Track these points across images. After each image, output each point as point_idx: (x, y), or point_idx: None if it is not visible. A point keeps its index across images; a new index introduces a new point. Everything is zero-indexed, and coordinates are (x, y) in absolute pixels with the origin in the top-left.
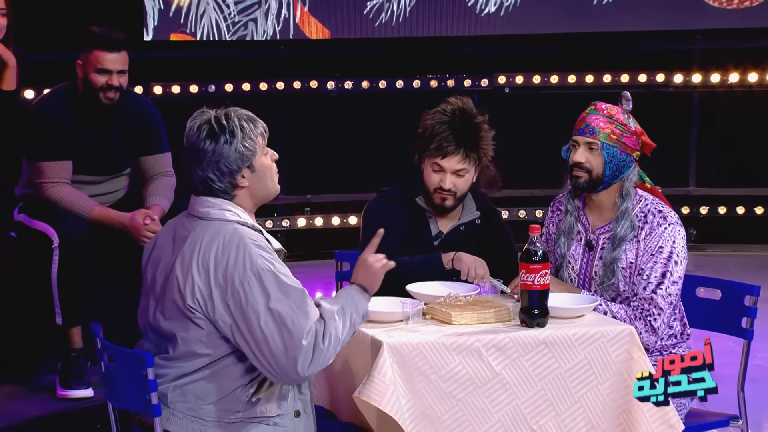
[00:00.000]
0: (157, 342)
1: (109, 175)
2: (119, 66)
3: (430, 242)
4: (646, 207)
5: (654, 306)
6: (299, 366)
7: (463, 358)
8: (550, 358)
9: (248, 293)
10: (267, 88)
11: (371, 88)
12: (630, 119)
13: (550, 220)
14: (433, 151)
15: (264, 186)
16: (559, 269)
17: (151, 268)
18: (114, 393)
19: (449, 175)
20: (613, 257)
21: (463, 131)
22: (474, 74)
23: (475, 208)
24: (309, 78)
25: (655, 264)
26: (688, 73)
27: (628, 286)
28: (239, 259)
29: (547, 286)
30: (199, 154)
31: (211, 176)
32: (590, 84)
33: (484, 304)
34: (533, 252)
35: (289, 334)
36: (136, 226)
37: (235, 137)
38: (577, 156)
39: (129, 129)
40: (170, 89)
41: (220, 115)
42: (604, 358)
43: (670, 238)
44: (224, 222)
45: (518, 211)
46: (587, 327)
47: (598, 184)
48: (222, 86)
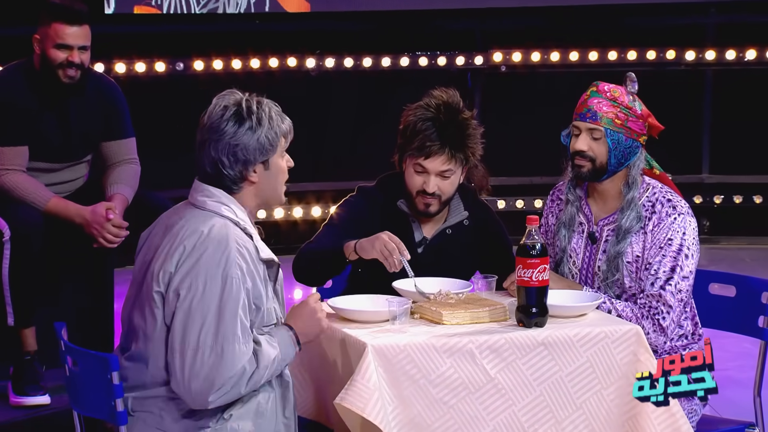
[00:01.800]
0: (128, 336)
1: (67, 162)
2: (81, 41)
3: (414, 249)
4: (653, 196)
5: (663, 303)
6: (212, 395)
7: (455, 361)
8: (550, 361)
9: (206, 293)
10: (240, 67)
11: (354, 66)
12: (636, 101)
13: (550, 210)
14: (416, 150)
15: (273, 188)
16: (559, 264)
17: (141, 257)
18: (77, 399)
19: (433, 177)
20: (617, 251)
21: (449, 129)
22: (467, 51)
23: (463, 208)
24: (286, 55)
25: (664, 258)
26: (701, 50)
27: (634, 282)
28: (215, 255)
29: (546, 283)
30: (217, 133)
31: (224, 159)
32: (594, 62)
33: (477, 302)
34: (531, 245)
35: (219, 357)
36: (97, 220)
37: (262, 126)
38: (579, 144)
39: (90, 111)
40: (134, 67)
41: (252, 100)
42: (608, 361)
43: (680, 229)
44: (217, 215)
45: (515, 200)
46: (590, 327)
47: (602, 173)
48: (191, 64)
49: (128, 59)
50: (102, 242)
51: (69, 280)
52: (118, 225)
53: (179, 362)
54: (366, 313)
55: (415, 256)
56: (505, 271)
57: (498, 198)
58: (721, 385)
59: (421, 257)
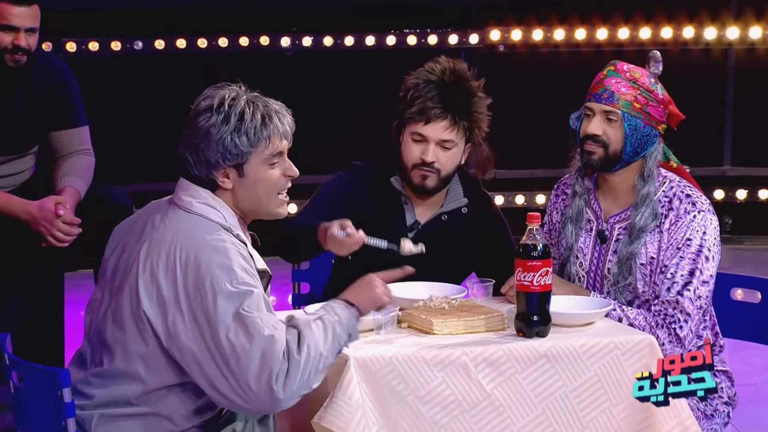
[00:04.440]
0: (96, 348)
1: (11, 154)
2: (29, 23)
3: (404, 233)
4: (671, 190)
5: (680, 311)
6: (274, 383)
7: (447, 376)
8: (553, 375)
9: (218, 300)
10: (207, 46)
11: (335, 45)
12: (657, 85)
13: (554, 206)
14: (415, 114)
15: (252, 199)
16: (564, 265)
17: (115, 256)
18: (22, 419)
19: (433, 145)
20: (630, 252)
21: (453, 92)
22: (461, 28)
23: (462, 194)
24: (259, 33)
25: (682, 260)
26: (722, 27)
27: (648, 286)
28: (216, 262)
29: (548, 288)
30: (189, 125)
31: (188, 158)
32: (603, 41)
33: (472, 309)
34: (532, 246)
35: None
36: (45, 216)
37: (227, 126)
38: (592, 127)
39: (36, 98)
40: (87, 46)
41: (233, 94)
42: (618, 375)
43: (700, 228)
44: (206, 220)
45: (514, 195)
46: (598, 337)
47: (614, 162)
48: (151, 43)
49: (80, 38)
50: (51, 241)
51: (15, 284)
52: (69, 221)
53: (231, 381)
54: None
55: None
56: (506, 274)
57: (496, 193)
58: (745, 401)
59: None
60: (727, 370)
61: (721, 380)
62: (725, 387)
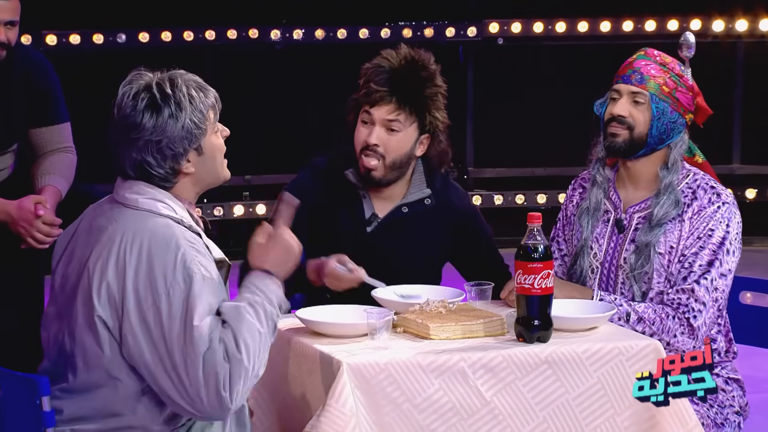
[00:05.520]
0: (58, 363)
1: None
2: (8, 16)
3: (362, 228)
4: (695, 182)
5: (695, 299)
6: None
7: (444, 382)
8: (555, 382)
9: (173, 301)
10: (193, 39)
11: (327, 38)
12: (687, 71)
13: (570, 200)
14: (363, 96)
15: (212, 172)
16: (577, 257)
17: (63, 265)
18: (2, 428)
19: (377, 127)
20: (648, 240)
21: (402, 77)
22: (458, 21)
23: (426, 185)
24: (247, 26)
25: (702, 250)
26: (730, 19)
27: (664, 276)
28: (169, 259)
29: (550, 291)
30: (134, 130)
31: (149, 160)
32: (606, 33)
33: (470, 313)
34: (532, 247)
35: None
36: (24, 217)
37: (183, 110)
38: (618, 108)
39: (16, 94)
40: (68, 39)
41: (164, 80)
42: (622, 382)
43: (724, 219)
44: (155, 215)
45: (514, 195)
46: (601, 342)
47: (639, 147)
48: (135, 36)
49: (60, 30)
50: (31, 242)
51: None
52: (50, 222)
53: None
54: (341, 326)
55: (363, 236)
56: (484, 269)
57: (494, 192)
58: (755, 410)
59: (371, 237)
60: (739, 379)
61: (733, 389)
62: (737, 396)
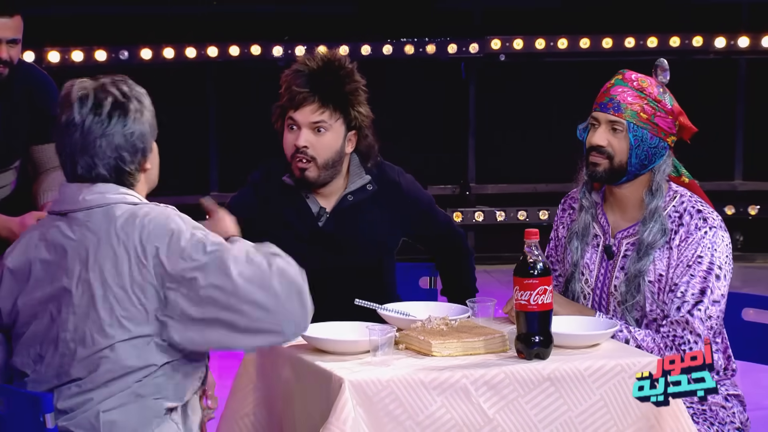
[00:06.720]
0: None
1: None
2: (10, 34)
3: (314, 223)
4: (681, 205)
5: (689, 331)
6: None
7: (447, 399)
8: (557, 399)
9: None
10: (196, 55)
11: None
12: (666, 95)
13: (560, 221)
14: (286, 103)
15: (156, 171)
16: (569, 281)
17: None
18: None
19: (305, 130)
20: (638, 269)
21: (321, 77)
22: (460, 37)
23: (364, 172)
24: (250, 42)
25: (692, 278)
26: (732, 36)
27: (656, 305)
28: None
29: (548, 307)
30: (105, 131)
31: (124, 155)
32: (608, 50)
33: (472, 330)
34: (531, 264)
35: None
36: None
37: (144, 106)
38: (596, 137)
39: (19, 111)
40: (70, 56)
41: (110, 84)
42: (625, 399)
43: (711, 245)
44: (127, 205)
45: (516, 211)
46: (603, 359)
47: (620, 175)
48: (137, 52)
49: (63, 47)
50: None
51: None
52: None
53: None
54: (343, 343)
55: (316, 230)
56: (433, 242)
57: (496, 209)
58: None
59: (325, 229)
60: (739, 394)
61: (733, 405)
62: (737, 412)
